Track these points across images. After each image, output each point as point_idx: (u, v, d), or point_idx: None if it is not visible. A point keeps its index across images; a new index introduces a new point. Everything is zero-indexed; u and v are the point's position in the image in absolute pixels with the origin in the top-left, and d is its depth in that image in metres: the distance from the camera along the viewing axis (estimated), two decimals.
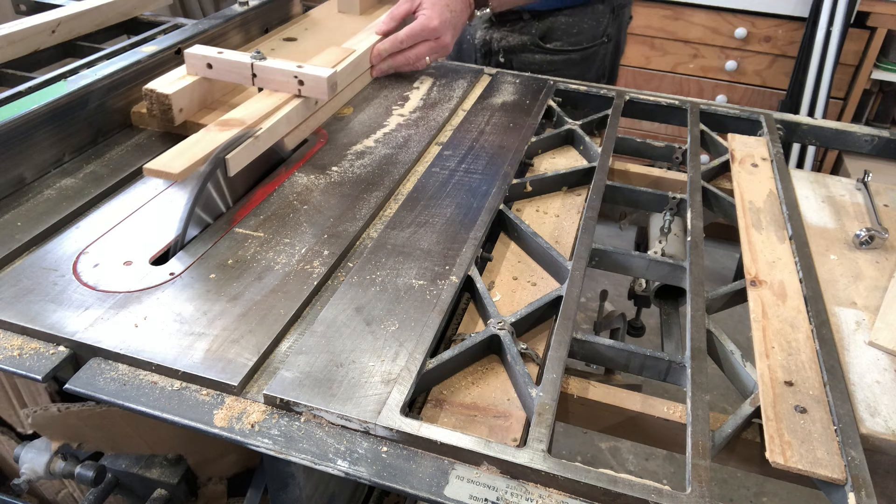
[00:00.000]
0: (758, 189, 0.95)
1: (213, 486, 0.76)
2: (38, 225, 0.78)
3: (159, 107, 0.96)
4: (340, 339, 0.65)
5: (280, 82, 0.96)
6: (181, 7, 2.61)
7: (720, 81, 2.57)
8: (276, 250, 0.77)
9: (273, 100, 0.94)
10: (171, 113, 0.96)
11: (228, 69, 0.98)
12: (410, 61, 1.22)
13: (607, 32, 1.56)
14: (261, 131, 0.87)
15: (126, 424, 0.71)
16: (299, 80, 0.94)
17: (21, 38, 1.14)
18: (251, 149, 0.85)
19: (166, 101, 0.95)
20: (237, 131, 0.85)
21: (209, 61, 0.98)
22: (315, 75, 0.93)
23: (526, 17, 1.50)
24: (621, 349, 0.70)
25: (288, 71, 0.95)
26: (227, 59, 0.97)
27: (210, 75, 0.99)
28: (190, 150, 0.81)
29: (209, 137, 0.84)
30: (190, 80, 0.99)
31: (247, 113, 0.90)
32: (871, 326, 0.73)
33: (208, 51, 0.99)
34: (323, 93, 0.94)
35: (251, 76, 0.97)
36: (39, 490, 0.87)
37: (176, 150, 0.81)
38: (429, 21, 1.18)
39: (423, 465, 0.56)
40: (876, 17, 2.30)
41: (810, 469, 0.56)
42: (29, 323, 0.65)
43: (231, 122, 0.87)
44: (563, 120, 1.12)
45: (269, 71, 0.96)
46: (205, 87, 1.02)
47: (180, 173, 0.78)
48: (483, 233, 0.81)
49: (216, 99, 1.05)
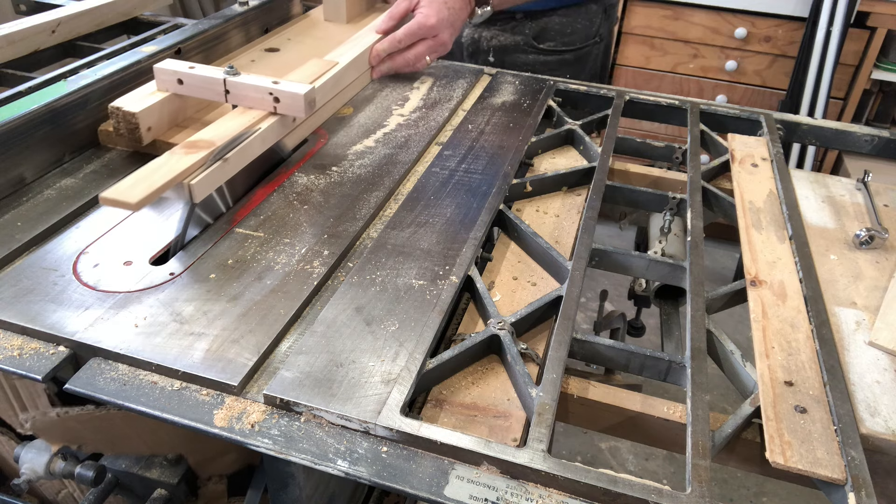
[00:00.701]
0: (758, 189, 0.95)
1: (214, 486, 0.76)
2: (38, 225, 0.78)
3: (126, 125, 0.90)
4: (340, 339, 0.65)
5: (254, 99, 0.90)
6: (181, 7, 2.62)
7: (720, 81, 2.57)
8: (276, 250, 0.77)
9: (246, 118, 0.88)
10: (139, 132, 0.90)
11: (200, 85, 0.92)
12: (410, 62, 1.21)
13: (600, 32, 1.56)
14: (231, 153, 0.81)
15: (126, 426, 0.71)
16: (274, 97, 0.88)
17: (21, 38, 1.14)
18: (219, 173, 0.80)
19: (133, 119, 0.89)
20: (205, 153, 0.79)
21: (180, 77, 0.92)
22: (291, 92, 0.87)
23: (519, 16, 1.49)
24: (621, 349, 0.70)
25: (262, 87, 0.89)
26: (199, 74, 0.91)
27: (181, 91, 0.93)
28: (151, 176, 0.75)
29: (173, 161, 0.78)
30: (160, 97, 0.93)
31: (216, 133, 0.83)
32: (871, 326, 0.73)
33: (179, 66, 0.93)
34: (299, 110, 0.88)
35: (224, 92, 0.91)
36: (39, 490, 0.87)
37: (136, 176, 0.75)
38: (426, 19, 1.18)
39: (423, 465, 0.56)
40: (876, 17, 2.30)
41: (810, 469, 0.56)
42: (29, 323, 0.65)
43: (199, 143, 0.81)
44: (563, 120, 1.12)
45: (242, 87, 0.90)
46: (176, 103, 0.96)
47: (138, 203, 0.71)
48: (483, 233, 0.81)
49: (189, 116, 0.99)
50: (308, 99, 0.88)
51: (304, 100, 0.87)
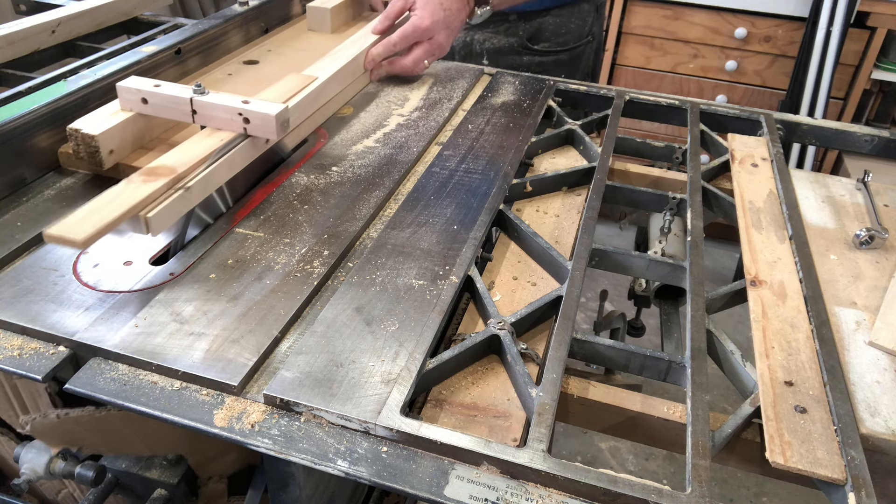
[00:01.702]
0: (758, 189, 0.95)
1: (214, 486, 0.76)
2: (38, 225, 0.78)
3: (86, 149, 0.83)
4: (340, 339, 0.65)
5: (223, 120, 0.83)
6: (181, 7, 2.61)
7: (720, 81, 2.57)
8: (276, 250, 0.77)
9: (214, 140, 0.81)
10: (100, 156, 0.83)
11: (165, 105, 0.85)
12: (408, 69, 1.20)
13: (592, 31, 1.56)
14: (193, 182, 0.75)
15: (126, 428, 0.71)
16: (244, 118, 0.82)
17: (21, 38, 1.14)
18: (180, 203, 0.74)
19: (93, 142, 0.82)
20: (164, 182, 0.73)
21: (144, 96, 0.85)
22: (262, 113, 0.81)
23: (512, 17, 1.48)
24: (621, 349, 0.70)
25: (231, 107, 0.82)
26: (164, 93, 0.85)
27: (146, 111, 0.87)
28: (102, 209, 0.68)
29: (129, 191, 0.71)
30: (123, 118, 0.86)
31: (179, 158, 0.78)
32: (871, 326, 0.73)
33: (143, 84, 0.86)
34: (271, 132, 0.82)
35: (191, 112, 0.85)
36: (39, 490, 0.87)
37: (86, 209, 0.68)
38: (420, 21, 1.16)
39: (423, 465, 0.56)
40: (876, 17, 2.30)
41: (810, 469, 0.56)
42: (29, 323, 0.65)
43: (159, 170, 0.75)
44: (563, 120, 1.12)
45: (210, 107, 0.83)
46: (141, 124, 0.89)
47: (85, 241, 0.65)
48: (483, 233, 0.81)
49: (156, 137, 0.92)
50: (280, 120, 0.82)
51: (275, 121, 0.81)
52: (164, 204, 0.72)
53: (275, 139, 0.85)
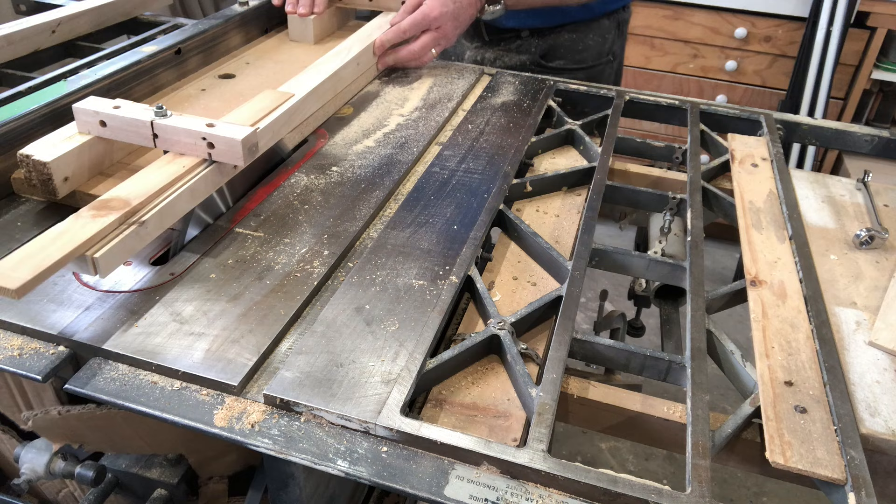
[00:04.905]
0: (758, 189, 0.95)
1: (214, 486, 0.76)
2: (37, 225, 0.78)
3: (38, 176, 0.77)
4: (340, 339, 0.65)
5: (186, 144, 0.77)
6: (181, 7, 2.62)
7: (720, 81, 2.57)
8: (276, 250, 0.77)
9: (175, 167, 0.75)
10: (53, 184, 0.77)
11: (125, 128, 0.79)
12: (416, 54, 1.22)
13: (612, 50, 1.50)
14: (149, 215, 0.69)
15: (127, 426, 0.71)
16: (208, 143, 0.76)
17: (21, 38, 1.14)
18: (133, 240, 0.68)
19: (45, 170, 0.76)
20: (115, 217, 0.67)
21: (102, 118, 0.79)
22: (227, 137, 0.75)
23: (524, 34, 1.44)
24: (621, 349, 0.70)
25: (194, 131, 0.76)
26: (124, 116, 0.78)
27: (105, 135, 0.80)
28: (43, 251, 0.61)
29: (76, 229, 0.65)
30: (79, 142, 0.79)
31: (135, 189, 0.71)
32: (871, 326, 0.73)
33: (102, 105, 0.79)
34: (238, 158, 0.76)
35: (152, 136, 0.79)
36: (39, 490, 0.87)
37: (24, 251, 0.62)
38: (430, 10, 1.19)
39: (423, 465, 0.56)
40: (876, 17, 2.30)
41: (810, 469, 0.56)
42: (29, 323, 0.65)
43: (111, 203, 0.69)
44: (563, 120, 1.12)
45: (172, 131, 0.77)
46: (100, 148, 0.82)
47: (20, 289, 0.58)
48: (483, 233, 0.81)
49: (117, 161, 0.86)
50: (247, 145, 0.76)
51: (241, 146, 0.75)
52: (114, 242, 0.66)
53: (242, 165, 0.78)
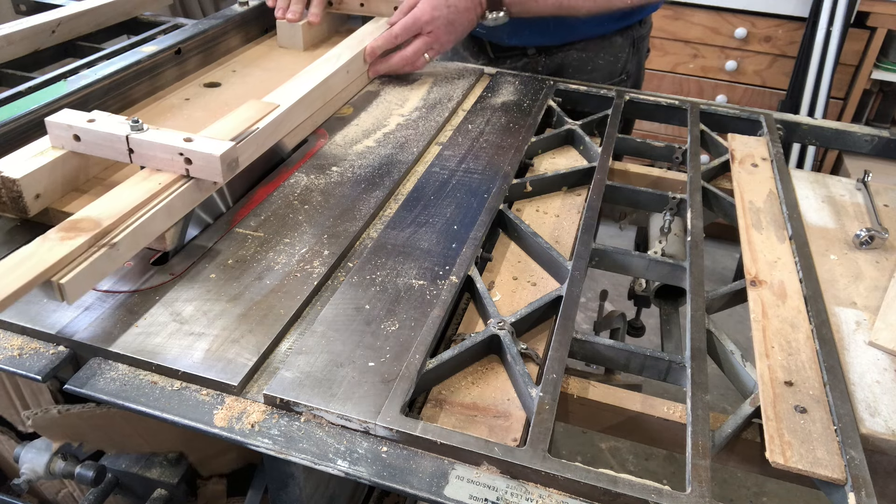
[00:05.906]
0: (758, 189, 0.95)
1: (213, 486, 0.76)
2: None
3: (8, 193, 0.74)
4: (340, 338, 0.65)
5: (163, 160, 0.74)
6: (181, 7, 2.62)
7: (720, 81, 2.57)
8: (276, 250, 0.77)
9: (151, 184, 0.72)
10: (24, 201, 0.74)
11: (99, 143, 0.76)
12: (408, 60, 1.18)
13: (626, 69, 1.41)
14: (120, 236, 0.66)
15: (127, 425, 0.71)
16: (186, 158, 0.73)
17: (21, 38, 1.14)
18: (105, 262, 0.65)
19: (15, 187, 0.73)
20: (85, 239, 0.64)
21: (76, 132, 0.76)
22: (205, 153, 0.72)
23: (531, 52, 1.38)
24: (621, 349, 0.70)
25: (171, 146, 0.73)
26: (98, 130, 0.75)
27: (79, 150, 0.77)
28: (5, 277, 0.58)
29: (42, 252, 0.61)
30: (51, 157, 0.76)
31: (107, 209, 0.68)
32: (871, 326, 0.73)
33: (75, 119, 0.76)
34: (216, 174, 0.73)
35: (128, 151, 0.75)
36: (39, 490, 0.87)
37: None
38: (421, 14, 1.15)
39: (422, 465, 0.56)
40: (876, 17, 2.30)
41: (810, 469, 0.56)
42: (29, 323, 0.65)
43: (81, 224, 0.66)
44: (563, 120, 1.12)
45: (148, 146, 0.74)
46: (74, 163, 0.79)
47: None
48: (483, 233, 0.81)
49: (93, 176, 0.83)
50: (227, 161, 0.73)
51: (220, 162, 0.72)
52: (82, 266, 0.62)
53: (220, 182, 0.75)
